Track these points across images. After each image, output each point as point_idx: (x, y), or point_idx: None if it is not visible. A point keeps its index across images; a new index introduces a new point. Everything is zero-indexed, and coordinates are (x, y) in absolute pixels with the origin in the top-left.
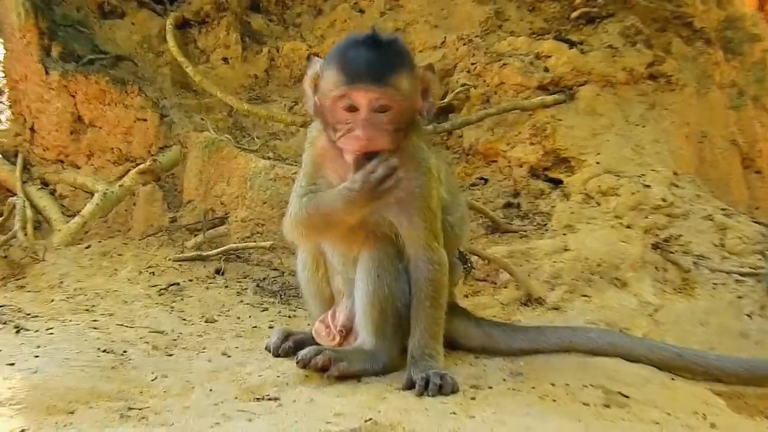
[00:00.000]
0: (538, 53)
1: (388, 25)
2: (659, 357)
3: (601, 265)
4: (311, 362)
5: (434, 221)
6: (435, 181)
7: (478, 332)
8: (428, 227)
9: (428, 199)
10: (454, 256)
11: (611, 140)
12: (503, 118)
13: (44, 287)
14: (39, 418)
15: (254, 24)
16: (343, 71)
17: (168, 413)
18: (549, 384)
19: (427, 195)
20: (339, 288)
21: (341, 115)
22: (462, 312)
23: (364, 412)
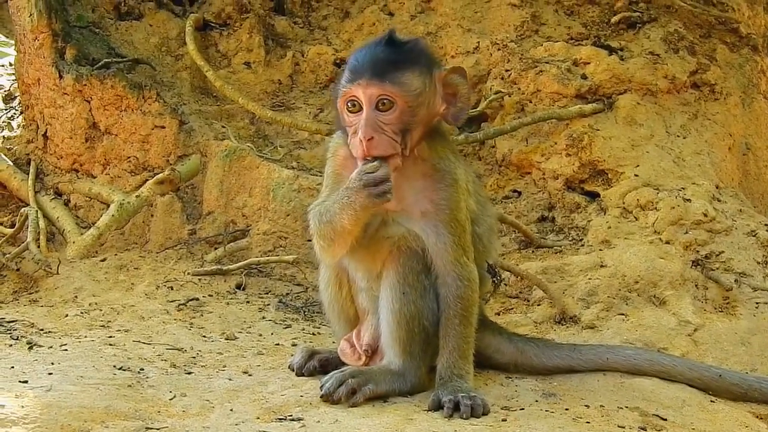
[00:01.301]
0: (575, 60)
1: (418, 29)
2: (698, 377)
3: (639, 283)
4: (334, 395)
5: (463, 235)
6: (463, 193)
7: (511, 348)
8: (456, 241)
9: (455, 211)
10: (483, 268)
11: (651, 152)
12: (538, 127)
13: (58, 302)
14: None
15: (278, 27)
16: (349, 70)
17: None
18: (583, 405)
19: (455, 207)
20: (363, 306)
21: (349, 117)
22: (493, 326)
23: None
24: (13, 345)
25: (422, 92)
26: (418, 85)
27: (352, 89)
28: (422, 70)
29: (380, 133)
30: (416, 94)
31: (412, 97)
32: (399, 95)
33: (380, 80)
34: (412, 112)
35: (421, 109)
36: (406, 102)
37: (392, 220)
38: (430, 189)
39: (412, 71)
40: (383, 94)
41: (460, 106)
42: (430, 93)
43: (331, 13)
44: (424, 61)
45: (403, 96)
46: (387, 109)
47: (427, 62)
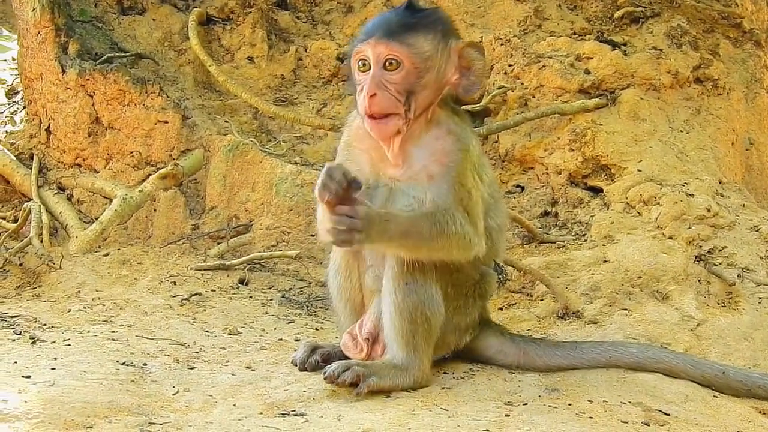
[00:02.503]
0: (578, 55)
1: None
2: (702, 374)
3: (642, 278)
4: (339, 378)
5: (468, 200)
6: (471, 161)
7: (513, 349)
8: (461, 203)
9: (462, 176)
10: (490, 266)
11: (654, 147)
12: (541, 122)
13: (61, 297)
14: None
15: (281, 21)
16: (363, 31)
17: (190, 428)
18: (586, 401)
19: (462, 171)
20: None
21: (359, 76)
22: (496, 328)
23: (394, 429)
24: (16, 340)
25: (432, 57)
26: (427, 49)
27: (363, 48)
28: (435, 36)
29: (383, 90)
30: (425, 57)
31: (420, 59)
32: (406, 55)
33: (389, 40)
34: (419, 74)
35: (429, 73)
36: (413, 63)
37: (400, 189)
38: (440, 152)
39: (423, 35)
40: (390, 54)
41: (473, 80)
42: (442, 60)
43: (334, 7)
44: (439, 28)
45: (410, 57)
46: (394, 69)
47: (443, 30)
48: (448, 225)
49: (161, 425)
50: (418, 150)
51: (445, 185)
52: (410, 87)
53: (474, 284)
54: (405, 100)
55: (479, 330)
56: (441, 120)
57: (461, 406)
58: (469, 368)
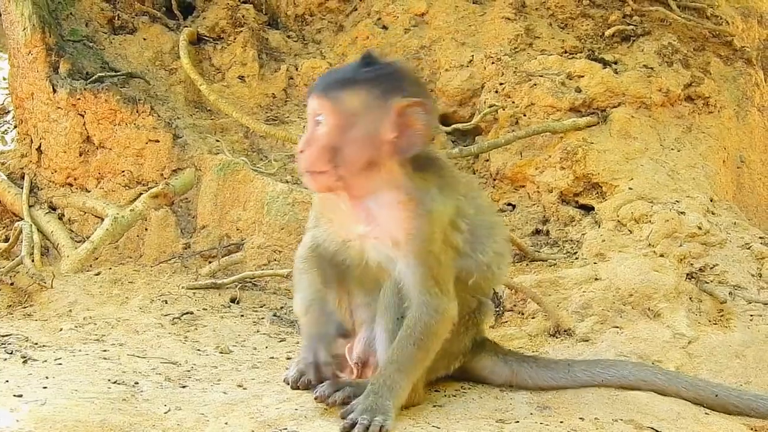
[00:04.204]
0: (569, 73)
1: (412, 43)
2: (694, 396)
3: (633, 296)
4: (329, 399)
5: (436, 266)
6: (439, 225)
7: (506, 370)
8: (427, 273)
9: (428, 243)
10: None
11: (645, 165)
12: (532, 141)
13: (52, 316)
14: None
15: (272, 40)
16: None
17: None
18: (578, 418)
19: (427, 239)
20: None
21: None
22: (490, 347)
23: None
24: (7, 359)
25: (358, 113)
26: (355, 106)
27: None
28: (370, 93)
29: (310, 146)
30: (349, 114)
31: (344, 116)
32: (329, 111)
33: (318, 95)
34: (342, 131)
35: (354, 130)
36: (336, 119)
37: (371, 246)
38: (402, 218)
39: (354, 91)
40: (317, 109)
41: (411, 141)
42: (374, 118)
43: (325, 26)
44: (382, 84)
45: (333, 113)
46: (320, 124)
47: (385, 87)
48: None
49: None
50: (379, 208)
51: (412, 259)
52: (334, 144)
53: (469, 313)
54: (332, 158)
55: (472, 352)
56: (398, 180)
57: (453, 424)
58: (461, 386)
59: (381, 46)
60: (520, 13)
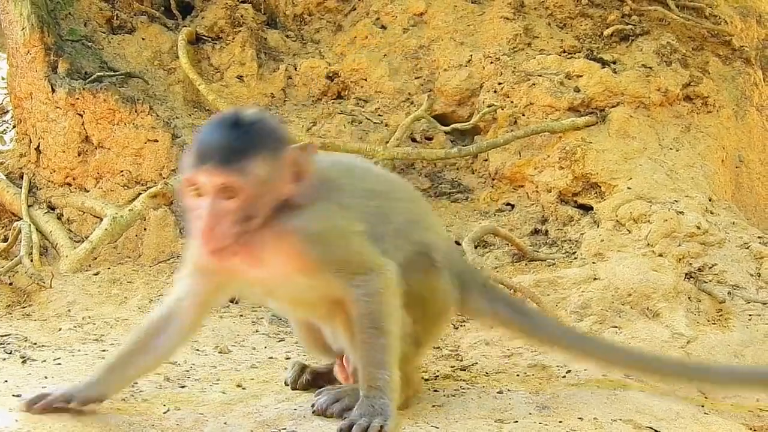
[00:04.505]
0: (568, 73)
1: (411, 42)
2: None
3: (632, 295)
4: (327, 411)
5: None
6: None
7: (488, 309)
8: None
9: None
10: (424, 253)
11: (644, 164)
12: (531, 140)
13: (51, 315)
14: None
15: (271, 40)
16: (194, 152)
17: None
18: (577, 418)
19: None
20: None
21: (192, 201)
22: (481, 286)
23: None
24: (6, 359)
25: (268, 178)
26: (263, 172)
27: (197, 174)
28: (269, 154)
29: (221, 221)
30: (261, 182)
31: (257, 185)
32: (243, 184)
33: (223, 168)
34: (256, 199)
35: (266, 195)
36: (250, 191)
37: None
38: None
39: (258, 157)
40: (226, 182)
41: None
42: (277, 176)
43: (323, 26)
44: (271, 143)
45: (247, 185)
46: (229, 197)
47: (275, 144)
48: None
49: None
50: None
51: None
52: (247, 213)
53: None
54: (243, 227)
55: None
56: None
57: (452, 423)
58: (460, 386)
59: (379, 45)
60: (519, 12)
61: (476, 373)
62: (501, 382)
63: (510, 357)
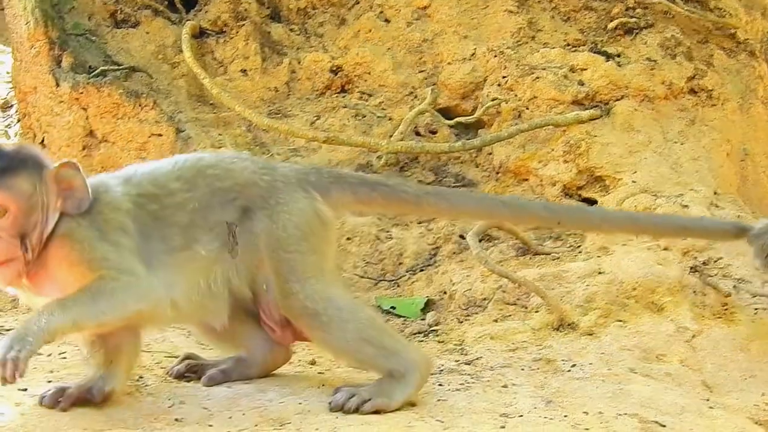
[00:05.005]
0: (572, 66)
1: (415, 36)
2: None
3: (637, 289)
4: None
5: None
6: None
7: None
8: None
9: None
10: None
11: (648, 158)
12: (535, 134)
13: None
14: None
15: (274, 34)
16: None
17: None
18: (582, 412)
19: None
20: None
21: None
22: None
23: None
24: None
25: (33, 194)
26: (28, 188)
27: None
28: (31, 173)
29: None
30: (27, 197)
31: (24, 200)
32: (11, 200)
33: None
34: (26, 215)
35: (34, 211)
36: (19, 207)
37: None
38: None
39: (21, 176)
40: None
41: (78, 196)
42: (43, 193)
43: (327, 20)
44: (31, 164)
45: (15, 201)
46: (1, 215)
47: (34, 164)
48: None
49: None
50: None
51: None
52: (22, 229)
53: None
54: (20, 242)
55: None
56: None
57: (457, 418)
58: (465, 380)
59: (383, 39)
60: (523, 6)
61: (481, 367)
62: (506, 376)
63: (515, 351)
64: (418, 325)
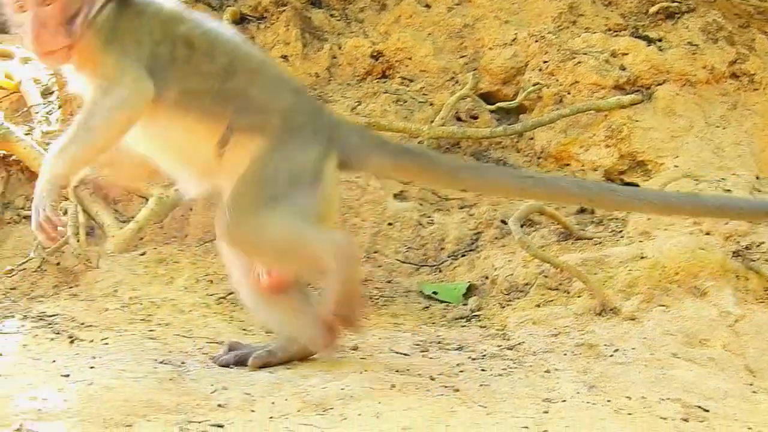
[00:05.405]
0: (614, 51)
1: (455, 21)
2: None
3: (679, 274)
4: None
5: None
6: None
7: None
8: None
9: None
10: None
11: (690, 142)
12: (577, 119)
13: (98, 296)
14: (96, 430)
15: (315, 19)
16: None
17: (229, 427)
18: (625, 397)
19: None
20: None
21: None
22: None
23: (432, 427)
24: (54, 339)
25: None
26: None
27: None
28: None
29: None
30: None
31: None
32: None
33: None
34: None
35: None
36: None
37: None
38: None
39: None
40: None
41: None
42: None
43: (367, 5)
44: None
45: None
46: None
47: None
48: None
49: (200, 423)
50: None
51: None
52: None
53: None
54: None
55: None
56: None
57: (500, 403)
58: (507, 365)
59: (424, 24)
60: None
61: (523, 352)
62: (548, 361)
63: (557, 336)
64: (460, 310)
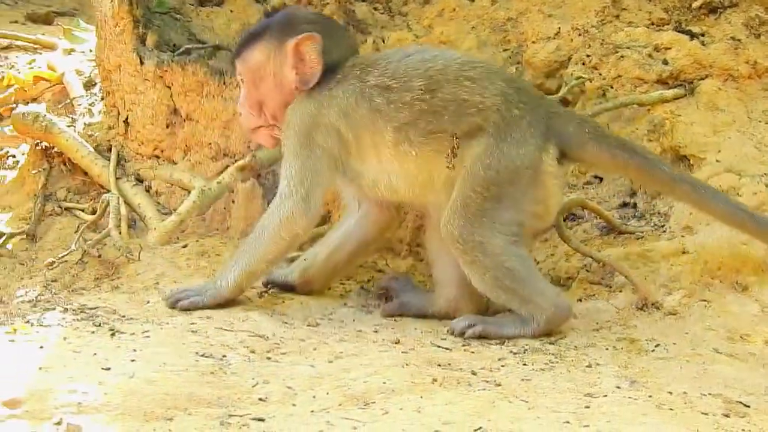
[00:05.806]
0: (657, 45)
1: (499, 15)
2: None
3: (722, 269)
4: (467, 333)
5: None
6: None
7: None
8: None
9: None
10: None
11: (733, 137)
12: (620, 113)
13: (140, 288)
14: (136, 424)
15: (358, 12)
16: None
17: (270, 420)
18: (666, 392)
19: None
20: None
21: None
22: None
23: (473, 421)
24: (95, 332)
25: (263, 65)
26: (258, 59)
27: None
28: (268, 43)
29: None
30: (256, 68)
31: (253, 71)
32: (243, 72)
33: (234, 59)
34: (257, 85)
35: (265, 81)
36: (249, 78)
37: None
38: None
39: (255, 45)
40: (238, 72)
41: (306, 71)
42: (276, 64)
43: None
44: (274, 32)
45: (245, 72)
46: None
47: (278, 33)
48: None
49: (241, 417)
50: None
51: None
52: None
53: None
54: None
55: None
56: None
57: (541, 397)
58: (549, 360)
59: (468, 18)
60: None
61: (565, 346)
62: (589, 355)
63: (599, 331)
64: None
